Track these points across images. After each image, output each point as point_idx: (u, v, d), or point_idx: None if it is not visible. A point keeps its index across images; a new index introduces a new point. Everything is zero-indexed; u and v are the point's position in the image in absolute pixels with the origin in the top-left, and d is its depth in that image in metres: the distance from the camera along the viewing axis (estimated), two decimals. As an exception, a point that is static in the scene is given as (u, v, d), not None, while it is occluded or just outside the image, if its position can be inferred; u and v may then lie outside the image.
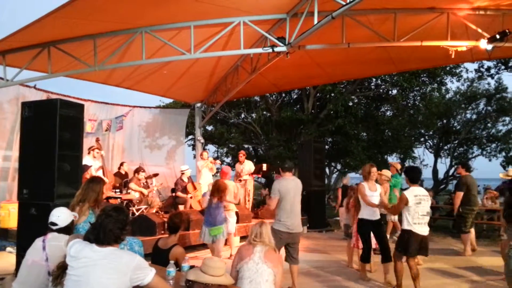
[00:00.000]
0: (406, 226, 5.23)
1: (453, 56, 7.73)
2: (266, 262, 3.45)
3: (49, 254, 3.23)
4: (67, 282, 2.64)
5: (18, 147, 6.12)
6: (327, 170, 18.11)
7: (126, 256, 2.67)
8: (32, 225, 5.44)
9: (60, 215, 3.47)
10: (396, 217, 8.37)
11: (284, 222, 5.27)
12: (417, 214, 5.15)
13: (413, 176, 5.43)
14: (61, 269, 2.82)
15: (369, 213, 5.88)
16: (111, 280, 2.54)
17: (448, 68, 16.26)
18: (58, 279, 2.83)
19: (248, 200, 10.42)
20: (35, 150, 5.71)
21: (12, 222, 7.14)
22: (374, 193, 5.89)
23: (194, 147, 16.94)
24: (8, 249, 7.14)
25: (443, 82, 17.22)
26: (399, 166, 9.14)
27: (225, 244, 7.72)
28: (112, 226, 2.68)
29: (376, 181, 6.33)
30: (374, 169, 6.04)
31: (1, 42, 6.74)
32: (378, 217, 5.96)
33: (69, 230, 3.49)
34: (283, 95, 18.26)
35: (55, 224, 3.42)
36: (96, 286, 2.52)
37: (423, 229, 5.21)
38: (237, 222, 8.59)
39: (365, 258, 6.00)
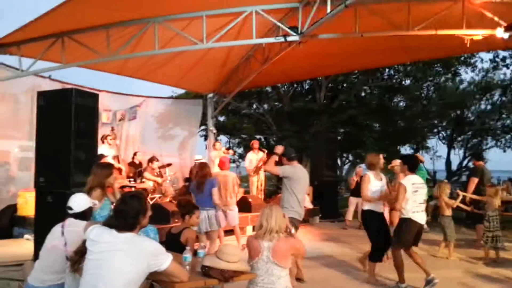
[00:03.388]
0: (404, 215, 5.21)
1: (468, 45, 7.59)
2: (275, 261, 3.33)
3: (67, 239, 3.31)
4: (86, 266, 2.70)
5: (35, 137, 6.23)
6: (338, 161, 18.08)
7: (144, 243, 2.72)
8: (49, 213, 5.51)
9: (77, 200, 3.53)
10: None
11: (297, 210, 5.27)
12: (415, 203, 5.17)
13: (412, 164, 5.45)
14: (79, 255, 2.88)
15: (374, 205, 5.55)
16: (129, 266, 2.59)
17: (462, 58, 16.06)
18: (76, 264, 2.89)
19: (261, 190, 10.48)
20: (51, 139, 5.80)
21: (29, 210, 7.27)
22: (380, 183, 5.56)
23: (206, 137, 17.01)
24: (26, 236, 7.30)
25: (457, 73, 17.05)
26: (422, 158, 9.12)
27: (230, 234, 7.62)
28: (127, 213, 2.73)
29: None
30: (381, 157, 5.93)
31: (16, 32, 6.84)
32: (382, 210, 5.68)
33: (85, 216, 3.54)
34: (295, 85, 18.22)
35: (71, 209, 3.49)
36: (114, 271, 2.57)
37: (421, 217, 5.24)
38: (250, 211, 8.69)
39: (375, 256, 5.53)
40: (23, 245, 6.89)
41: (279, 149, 5.57)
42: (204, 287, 3.14)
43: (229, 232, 7.49)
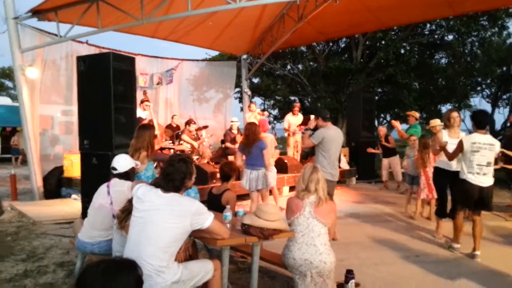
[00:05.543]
0: (461, 175, 4.89)
1: (519, -5, 7.10)
2: (316, 217, 3.35)
3: (113, 198, 3.46)
4: (132, 223, 2.80)
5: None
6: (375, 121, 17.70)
7: (186, 202, 2.79)
8: (94, 173, 5.78)
9: (120, 161, 3.68)
10: None
11: (329, 171, 5.27)
12: (472, 163, 4.74)
13: (480, 120, 4.84)
14: (125, 213, 3.00)
15: (444, 163, 5.32)
16: (173, 224, 2.68)
17: (511, 10, 15.01)
18: (122, 222, 3.02)
19: (297, 151, 10.49)
20: (92, 103, 5.97)
21: (75, 171, 7.62)
22: (454, 140, 5.13)
23: (240, 99, 16.99)
24: (73, 196, 7.68)
25: (505, 26, 16.00)
26: (417, 115, 8.76)
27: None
28: (174, 175, 2.79)
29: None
30: (454, 114, 5.44)
31: (53, -2, 6.94)
32: (455, 168, 5.25)
33: (128, 175, 3.69)
34: (331, 44, 17.72)
35: (115, 169, 3.64)
36: (159, 229, 2.66)
37: (480, 180, 4.74)
38: (286, 172, 8.73)
39: (440, 212, 5.58)
40: (71, 204, 7.26)
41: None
42: (244, 244, 3.21)
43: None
